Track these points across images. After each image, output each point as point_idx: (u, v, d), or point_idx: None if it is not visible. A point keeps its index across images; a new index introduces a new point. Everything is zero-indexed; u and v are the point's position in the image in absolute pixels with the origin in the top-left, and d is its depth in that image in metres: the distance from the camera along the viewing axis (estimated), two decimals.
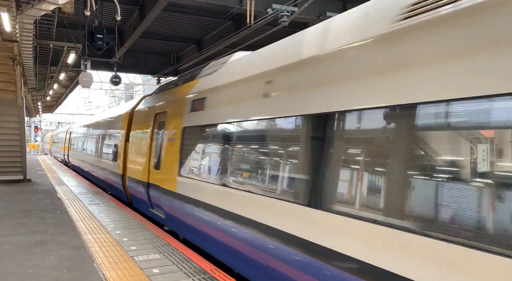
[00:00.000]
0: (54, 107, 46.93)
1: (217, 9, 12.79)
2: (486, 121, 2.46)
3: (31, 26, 9.51)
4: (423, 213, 2.73)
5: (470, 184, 2.52)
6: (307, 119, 3.91)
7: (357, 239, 3.14)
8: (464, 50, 2.52)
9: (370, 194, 3.16)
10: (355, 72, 3.39)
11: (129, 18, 14.31)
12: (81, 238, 6.87)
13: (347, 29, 3.76)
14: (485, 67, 2.37)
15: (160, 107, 8.85)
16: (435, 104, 2.66)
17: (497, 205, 2.38)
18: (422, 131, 2.83)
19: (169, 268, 5.33)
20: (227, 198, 5.25)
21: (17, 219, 8.42)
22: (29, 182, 15.71)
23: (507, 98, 2.27)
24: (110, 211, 9.62)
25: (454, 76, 2.54)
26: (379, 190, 3.08)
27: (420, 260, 2.63)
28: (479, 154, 2.49)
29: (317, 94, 3.81)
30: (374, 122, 3.19)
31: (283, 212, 4.04)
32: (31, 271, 5.16)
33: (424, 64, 2.76)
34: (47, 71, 19.26)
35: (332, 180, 3.50)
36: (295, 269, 3.80)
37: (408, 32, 2.95)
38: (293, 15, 10.30)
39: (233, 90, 5.57)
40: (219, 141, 5.77)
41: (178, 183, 6.96)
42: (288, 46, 4.77)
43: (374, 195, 3.12)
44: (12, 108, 15.20)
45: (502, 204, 2.36)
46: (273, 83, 4.57)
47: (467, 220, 2.48)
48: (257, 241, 4.44)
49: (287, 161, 4.22)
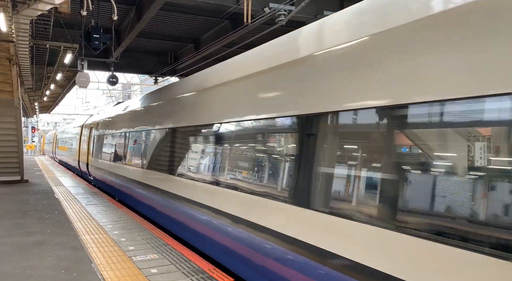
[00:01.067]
0: (51, 107, 46.81)
1: (214, 8, 12.77)
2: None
3: (27, 26, 9.48)
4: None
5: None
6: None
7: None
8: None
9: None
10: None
11: (126, 17, 14.28)
12: (79, 239, 6.85)
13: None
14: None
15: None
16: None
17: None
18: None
19: (168, 268, 5.32)
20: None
21: (15, 220, 8.39)
22: (26, 183, 15.65)
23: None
24: (108, 212, 9.60)
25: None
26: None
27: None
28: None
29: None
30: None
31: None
32: (28, 272, 5.14)
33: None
34: (44, 71, 19.21)
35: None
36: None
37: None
38: (290, 14, 10.29)
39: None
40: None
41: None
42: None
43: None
44: (9, 109, 15.12)
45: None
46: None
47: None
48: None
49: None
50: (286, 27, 11.23)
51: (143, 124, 9.79)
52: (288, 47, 4.54)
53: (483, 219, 2.42)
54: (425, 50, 2.77)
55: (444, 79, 2.61)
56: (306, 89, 3.96)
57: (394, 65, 2.99)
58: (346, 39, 3.54)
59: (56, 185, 15.36)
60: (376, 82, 3.10)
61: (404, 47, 2.94)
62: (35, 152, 52.23)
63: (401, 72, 2.92)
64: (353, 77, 3.35)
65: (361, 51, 3.32)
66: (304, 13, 11.31)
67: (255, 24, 10.68)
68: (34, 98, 31.81)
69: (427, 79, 2.73)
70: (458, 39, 2.57)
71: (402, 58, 2.93)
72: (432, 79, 2.69)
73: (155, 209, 8.38)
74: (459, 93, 2.51)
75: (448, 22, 2.65)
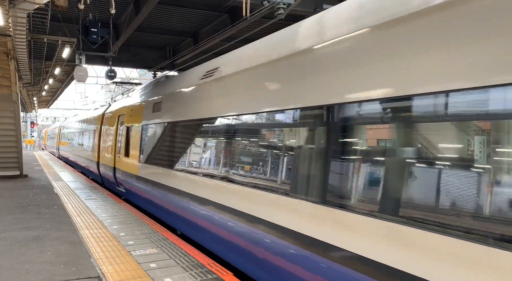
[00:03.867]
0: (50, 102, 46.69)
1: (213, 2, 12.69)
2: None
3: (24, 20, 9.40)
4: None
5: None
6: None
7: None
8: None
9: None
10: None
11: (124, 11, 14.17)
12: (78, 233, 6.85)
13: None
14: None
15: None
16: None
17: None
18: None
19: (167, 263, 5.32)
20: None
21: (14, 215, 8.39)
22: (26, 178, 15.65)
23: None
24: (107, 206, 9.60)
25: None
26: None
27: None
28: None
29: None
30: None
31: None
32: (27, 266, 5.14)
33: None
34: (42, 65, 19.12)
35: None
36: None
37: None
38: (290, 7, 10.22)
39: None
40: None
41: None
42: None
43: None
44: (7, 103, 15.08)
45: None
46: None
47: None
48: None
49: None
50: (285, 21, 11.17)
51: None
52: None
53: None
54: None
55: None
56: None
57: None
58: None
59: (55, 180, 15.36)
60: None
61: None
62: (34, 147, 52.20)
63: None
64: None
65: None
66: (303, 7, 11.24)
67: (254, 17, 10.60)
68: (33, 93, 31.72)
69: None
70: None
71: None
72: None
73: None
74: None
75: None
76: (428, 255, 2.67)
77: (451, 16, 2.68)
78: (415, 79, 2.87)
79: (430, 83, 2.76)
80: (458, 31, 2.62)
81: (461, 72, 2.55)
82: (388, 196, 3.08)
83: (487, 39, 2.43)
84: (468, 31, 2.55)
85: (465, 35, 2.57)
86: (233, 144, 5.55)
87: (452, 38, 2.64)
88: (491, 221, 2.42)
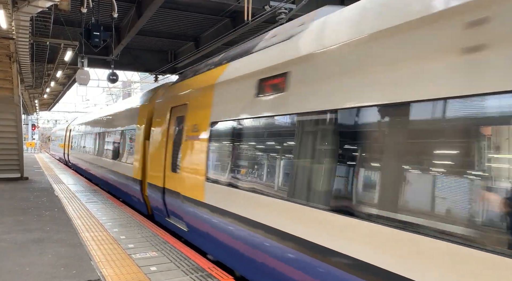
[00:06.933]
0: (51, 104, 46.77)
1: (215, 6, 12.74)
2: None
3: (27, 23, 9.46)
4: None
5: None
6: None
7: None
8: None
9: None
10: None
11: (126, 15, 14.25)
12: (79, 236, 6.85)
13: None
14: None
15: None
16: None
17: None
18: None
19: (167, 266, 5.32)
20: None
21: (14, 217, 8.39)
22: (26, 180, 15.66)
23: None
24: (108, 209, 9.60)
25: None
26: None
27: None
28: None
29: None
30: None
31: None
32: (28, 269, 5.14)
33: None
34: (44, 68, 19.20)
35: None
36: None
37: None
38: (291, 12, 10.28)
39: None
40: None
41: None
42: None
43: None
44: (9, 106, 15.12)
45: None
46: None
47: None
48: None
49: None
50: None
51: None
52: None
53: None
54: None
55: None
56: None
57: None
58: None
59: (56, 182, 15.36)
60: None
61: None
62: (35, 149, 52.26)
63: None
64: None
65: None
66: (305, 11, 11.29)
67: (255, 22, 10.66)
68: (34, 96, 31.79)
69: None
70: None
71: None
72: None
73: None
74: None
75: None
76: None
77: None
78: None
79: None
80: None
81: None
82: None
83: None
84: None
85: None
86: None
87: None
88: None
